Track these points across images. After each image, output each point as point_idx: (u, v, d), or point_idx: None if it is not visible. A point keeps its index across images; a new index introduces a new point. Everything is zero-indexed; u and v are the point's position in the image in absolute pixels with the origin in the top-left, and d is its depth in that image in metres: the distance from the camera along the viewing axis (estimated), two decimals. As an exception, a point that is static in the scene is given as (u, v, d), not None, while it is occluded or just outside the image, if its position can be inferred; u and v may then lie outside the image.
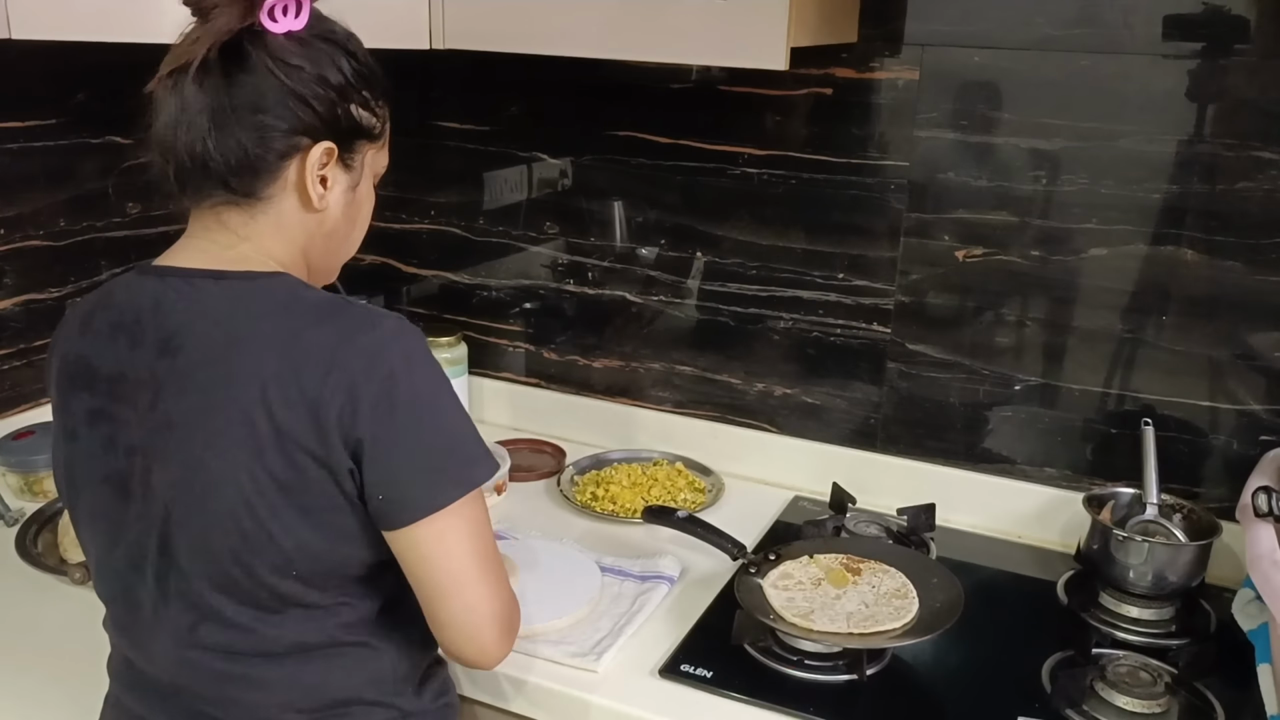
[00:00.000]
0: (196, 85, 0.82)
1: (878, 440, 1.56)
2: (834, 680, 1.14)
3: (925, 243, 1.45)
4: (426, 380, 0.83)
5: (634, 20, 1.20)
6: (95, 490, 0.87)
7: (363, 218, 0.95)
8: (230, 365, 0.81)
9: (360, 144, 0.90)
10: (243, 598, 0.85)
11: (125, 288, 0.88)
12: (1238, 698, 1.12)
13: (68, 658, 1.12)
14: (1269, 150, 1.25)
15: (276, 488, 0.80)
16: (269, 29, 0.83)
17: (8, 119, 1.48)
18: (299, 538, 0.82)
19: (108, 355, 0.86)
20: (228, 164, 0.83)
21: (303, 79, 0.83)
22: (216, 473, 0.81)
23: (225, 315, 0.83)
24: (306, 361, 0.79)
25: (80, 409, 0.87)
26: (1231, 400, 1.35)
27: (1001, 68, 1.35)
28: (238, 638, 0.86)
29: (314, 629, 0.87)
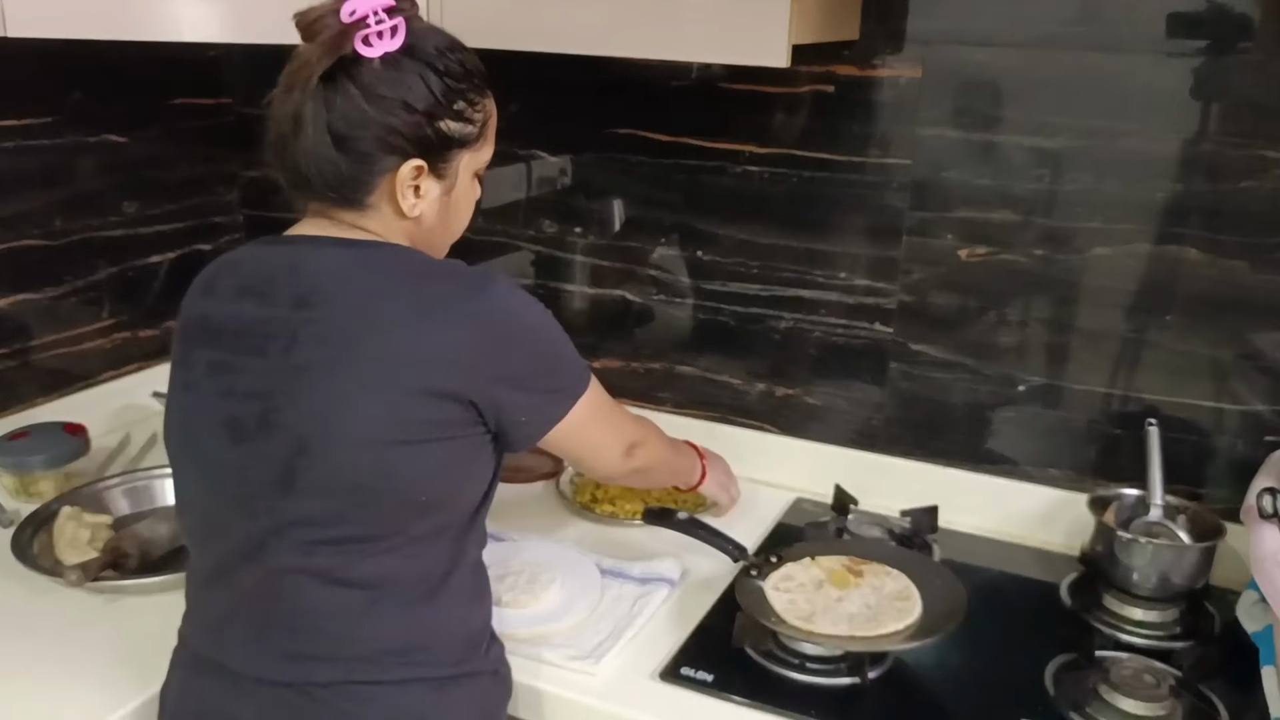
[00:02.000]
0: (300, 107, 0.90)
1: (880, 441, 1.55)
2: (836, 683, 1.13)
3: (928, 242, 1.44)
4: (544, 319, 0.97)
5: (634, 17, 1.20)
6: (210, 434, 0.93)
7: (461, 213, 1.03)
8: (368, 314, 0.89)
9: (453, 153, 0.97)
10: (365, 525, 0.91)
11: (251, 256, 0.97)
12: (1242, 700, 1.12)
13: (63, 661, 1.11)
14: (1273, 149, 1.24)
15: (417, 418, 0.89)
16: (364, 55, 0.89)
17: (3, 118, 1.48)
18: (427, 464, 0.91)
19: (231, 313, 0.94)
20: (326, 180, 0.92)
21: (388, 107, 0.90)
22: (359, 405, 0.88)
23: (357, 274, 0.91)
24: (445, 309, 0.90)
25: (201, 362, 0.95)
26: (1236, 401, 1.34)
27: (1004, 65, 1.34)
28: (351, 566, 0.91)
29: (416, 566, 0.94)
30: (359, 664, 0.93)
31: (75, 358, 1.64)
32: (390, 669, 0.93)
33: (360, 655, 0.93)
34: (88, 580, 1.19)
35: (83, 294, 1.63)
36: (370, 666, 0.93)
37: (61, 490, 1.44)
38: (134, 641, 1.14)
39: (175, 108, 1.73)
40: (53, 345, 1.60)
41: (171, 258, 1.76)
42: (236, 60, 1.81)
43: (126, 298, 1.70)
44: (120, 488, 1.45)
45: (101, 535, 1.30)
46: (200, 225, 1.81)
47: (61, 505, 1.35)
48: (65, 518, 1.31)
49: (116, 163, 1.64)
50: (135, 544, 1.26)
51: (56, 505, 1.35)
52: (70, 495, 1.40)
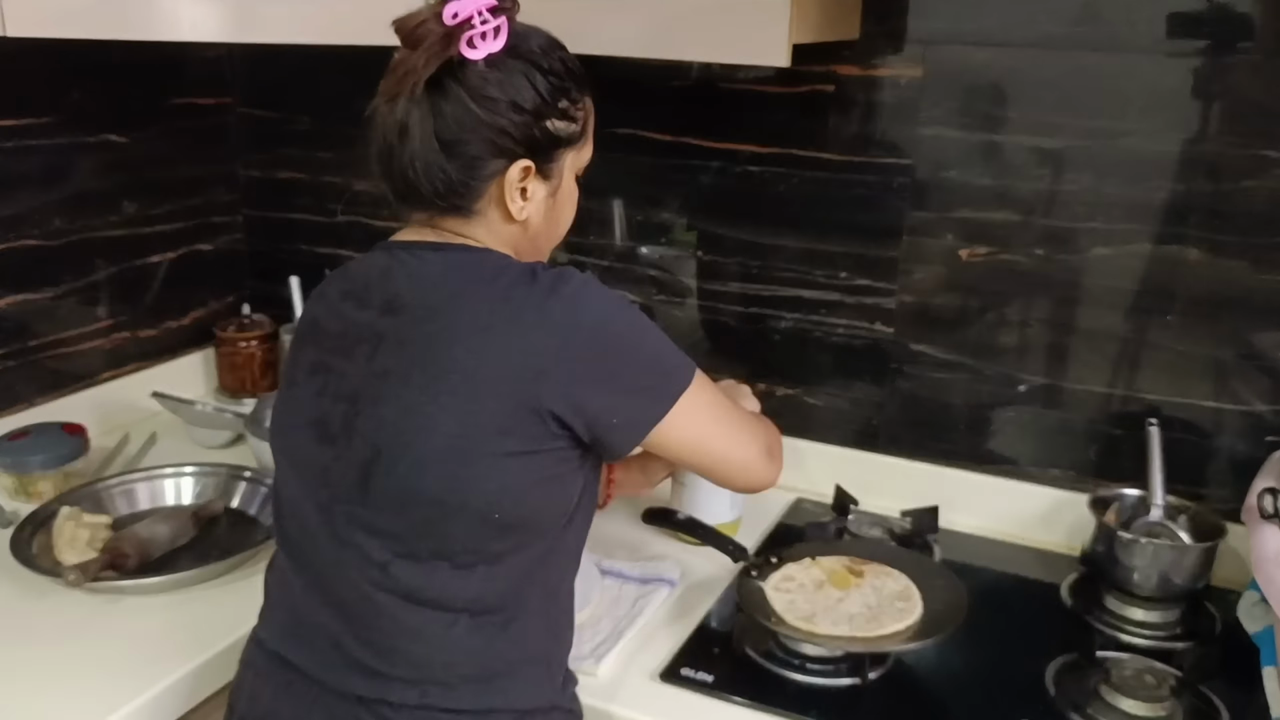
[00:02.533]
0: (405, 114, 0.89)
1: (880, 441, 1.55)
2: (836, 684, 1.13)
3: (928, 242, 1.44)
4: (625, 316, 0.92)
5: (635, 18, 1.20)
6: (300, 432, 0.94)
7: (565, 214, 1.01)
8: (447, 320, 0.88)
9: (559, 153, 0.95)
10: (439, 541, 0.89)
11: (360, 261, 0.98)
12: (1243, 701, 1.12)
13: (62, 661, 1.11)
14: (1273, 149, 1.24)
15: (492, 431, 0.86)
16: (469, 57, 0.88)
17: (3, 117, 1.48)
18: (503, 479, 0.87)
19: (334, 316, 0.95)
20: (434, 188, 0.91)
21: (498, 108, 0.89)
22: (431, 416, 0.86)
23: (442, 278, 0.91)
24: (519, 315, 0.87)
25: (304, 361, 0.96)
26: (1237, 401, 1.34)
27: (1005, 65, 1.34)
28: (425, 583, 0.89)
29: (493, 588, 0.91)
30: (434, 688, 0.90)
31: (74, 358, 1.64)
32: (466, 697, 0.91)
33: (436, 679, 0.90)
34: (87, 580, 1.18)
35: (82, 294, 1.63)
36: (445, 692, 0.90)
37: (60, 490, 1.44)
38: (133, 642, 1.14)
39: (175, 107, 1.73)
40: (52, 345, 1.60)
41: (171, 257, 1.76)
42: (237, 60, 1.81)
43: (126, 298, 1.70)
44: (119, 488, 1.45)
45: (100, 535, 1.30)
46: (200, 225, 1.81)
47: (60, 505, 1.35)
48: (64, 518, 1.31)
49: (116, 162, 1.64)
50: (134, 544, 1.26)
51: (55, 505, 1.35)
52: (69, 495, 1.40)
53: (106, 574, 1.22)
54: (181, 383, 1.77)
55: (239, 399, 1.77)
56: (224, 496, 1.45)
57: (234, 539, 1.36)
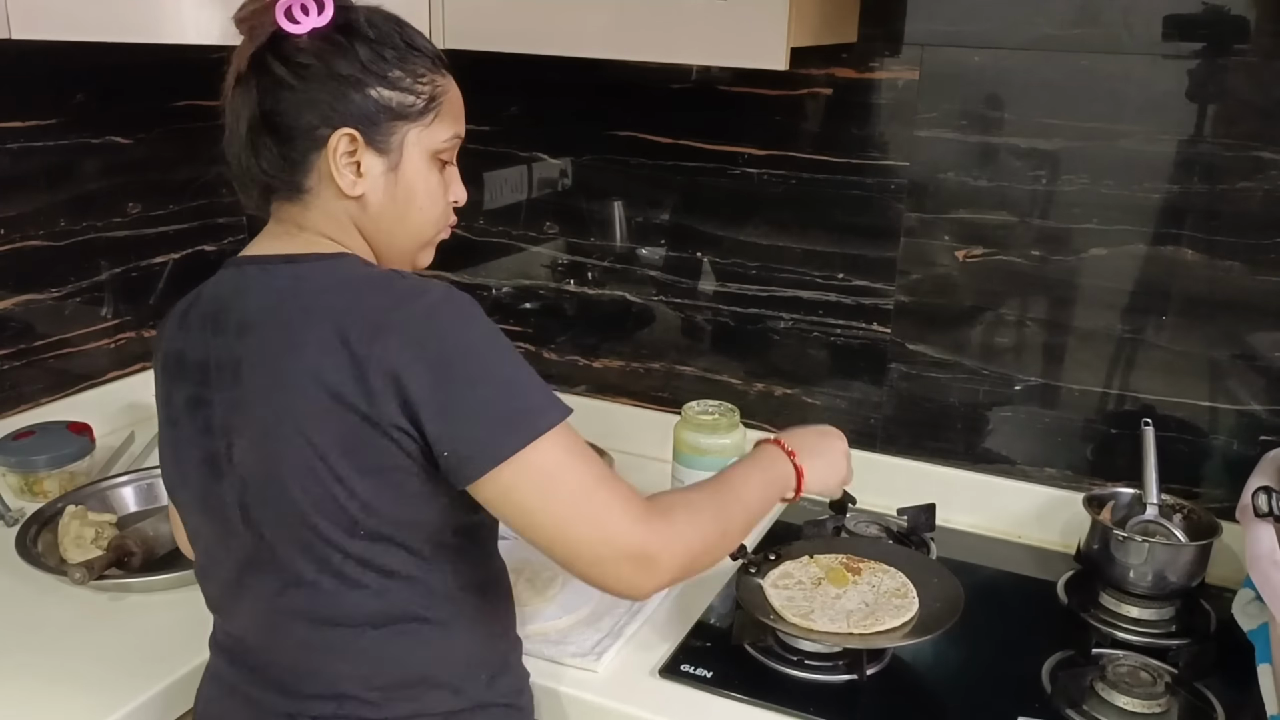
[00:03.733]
0: (236, 98, 0.90)
1: (878, 440, 1.55)
2: (834, 680, 1.14)
3: (925, 243, 1.45)
4: (479, 335, 0.84)
5: (634, 20, 1.20)
6: (197, 471, 0.92)
7: (418, 199, 0.93)
8: (292, 337, 0.84)
9: (392, 125, 0.90)
10: (320, 563, 0.87)
11: (214, 283, 0.94)
12: (1238, 698, 1.12)
13: (68, 658, 1.12)
14: (1269, 150, 1.25)
15: (338, 451, 0.83)
16: (291, 31, 0.86)
17: (8, 119, 1.49)
18: (361, 498, 0.84)
19: (199, 345, 0.91)
20: (263, 168, 0.90)
21: (312, 74, 0.87)
22: (281, 439, 0.84)
23: (291, 293, 0.87)
24: (357, 326, 0.82)
25: (180, 398, 0.93)
26: (1231, 400, 1.35)
27: (1002, 68, 1.35)
28: (320, 604, 0.88)
29: (391, 600, 0.88)
30: (351, 702, 0.90)
31: (79, 358, 1.65)
32: (386, 706, 0.90)
33: (351, 694, 0.90)
34: (92, 579, 1.19)
35: (87, 294, 1.64)
36: (363, 705, 0.90)
37: (66, 489, 1.45)
38: (138, 640, 1.15)
39: (179, 109, 1.74)
40: (57, 345, 1.61)
41: (175, 258, 1.77)
42: (239, 62, 1.82)
43: (130, 298, 1.71)
44: (124, 486, 1.46)
45: (106, 534, 1.31)
46: (204, 226, 1.82)
47: (66, 504, 1.36)
48: (70, 516, 1.32)
49: (120, 164, 1.65)
50: (139, 542, 1.27)
51: (61, 504, 1.36)
52: (74, 494, 1.41)
53: (111, 572, 1.23)
54: (185, 382, 1.77)
55: (242, 398, 1.78)
56: (227, 495, 1.45)
57: (237, 537, 1.37)
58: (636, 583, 0.84)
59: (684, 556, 0.86)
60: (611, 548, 0.83)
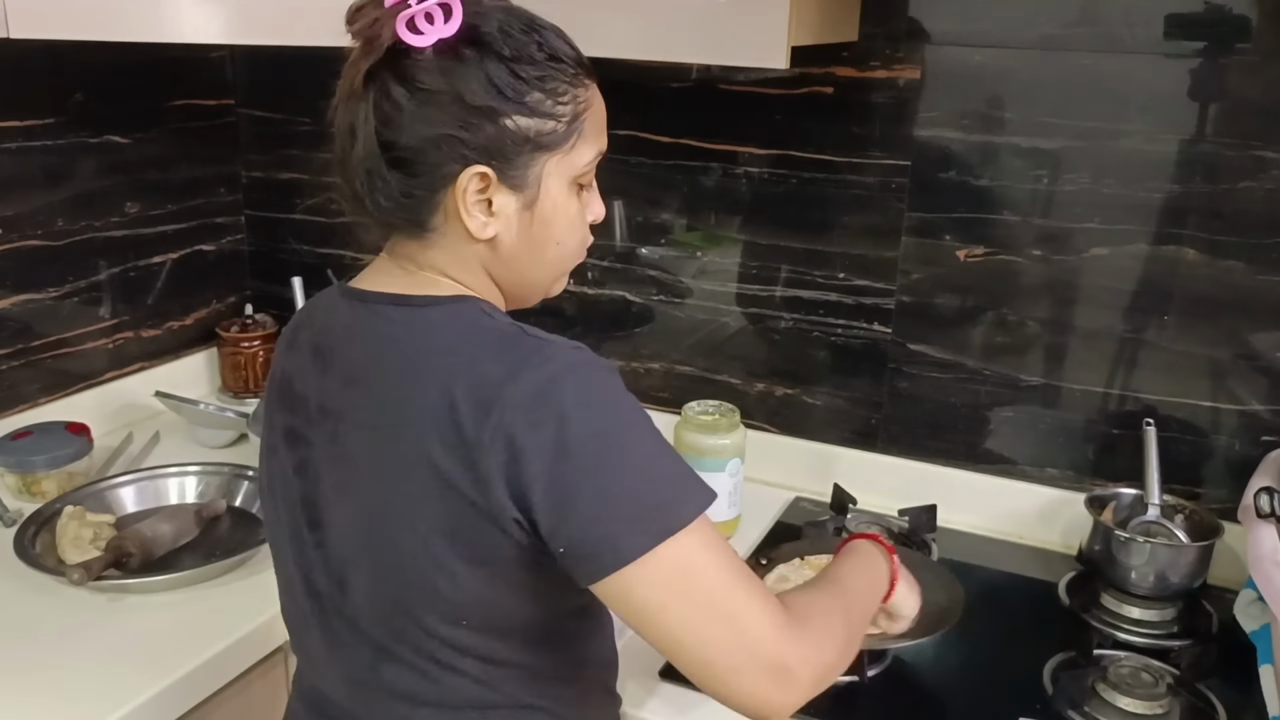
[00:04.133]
0: (348, 117, 0.78)
1: (879, 440, 1.55)
2: (834, 681, 1.13)
3: (926, 242, 1.44)
4: (605, 418, 0.73)
5: (634, 19, 1.20)
6: (292, 511, 0.85)
7: (557, 235, 0.83)
8: (401, 406, 0.76)
9: (529, 157, 0.79)
10: (417, 646, 0.80)
11: (326, 310, 0.86)
12: (1240, 699, 1.12)
13: (65, 659, 1.11)
14: (1270, 150, 1.25)
15: (442, 538, 0.75)
16: (413, 44, 0.75)
17: (6, 119, 1.48)
18: (466, 589, 0.77)
19: (307, 378, 0.84)
20: (378, 202, 0.79)
21: (439, 103, 0.75)
22: (384, 519, 0.77)
23: (402, 348, 0.78)
24: (470, 402, 0.72)
25: (280, 426, 0.87)
26: (1233, 400, 1.34)
27: (1003, 67, 1.34)
28: (417, 684, 0.82)
29: (494, 687, 0.82)
30: None
31: (78, 357, 1.64)
32: None
33: None
34: (90, 579, 1.19)
35: (85, 294, 1.63)
36: None
37: (64, 490, 1.45)
38: (136, 641, 1.14)
39: (177, 108, 1.73)
40: (55, 345, 1.61)
41: (174, 258, 1.77)
42: (238, 61, 1.81)
43: (129, 298, 1.71)
44: (123, 487, 1.45)
45: (104, 534, 1.30)
46: (202, 226, 1.82)
47: (64, 504, 1.35)
48: (68, 517, 1.32)
49: (119, 163, 1.64)
50: (138, 543, 1.27)
51: (59, 504, 1.36)
52: (73, 494, 1.41)
53: (110, 573, 1.22)
54: (184, 383, 1.77)
55: (241, 399, 1.78)
56: (227, 496, 1.45)
57: (237, 538, 1.36)
58: (771, 699, 0.74)
59: (820, 669, 0.77)
60: (750, 656, 0.73)
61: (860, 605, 0.90)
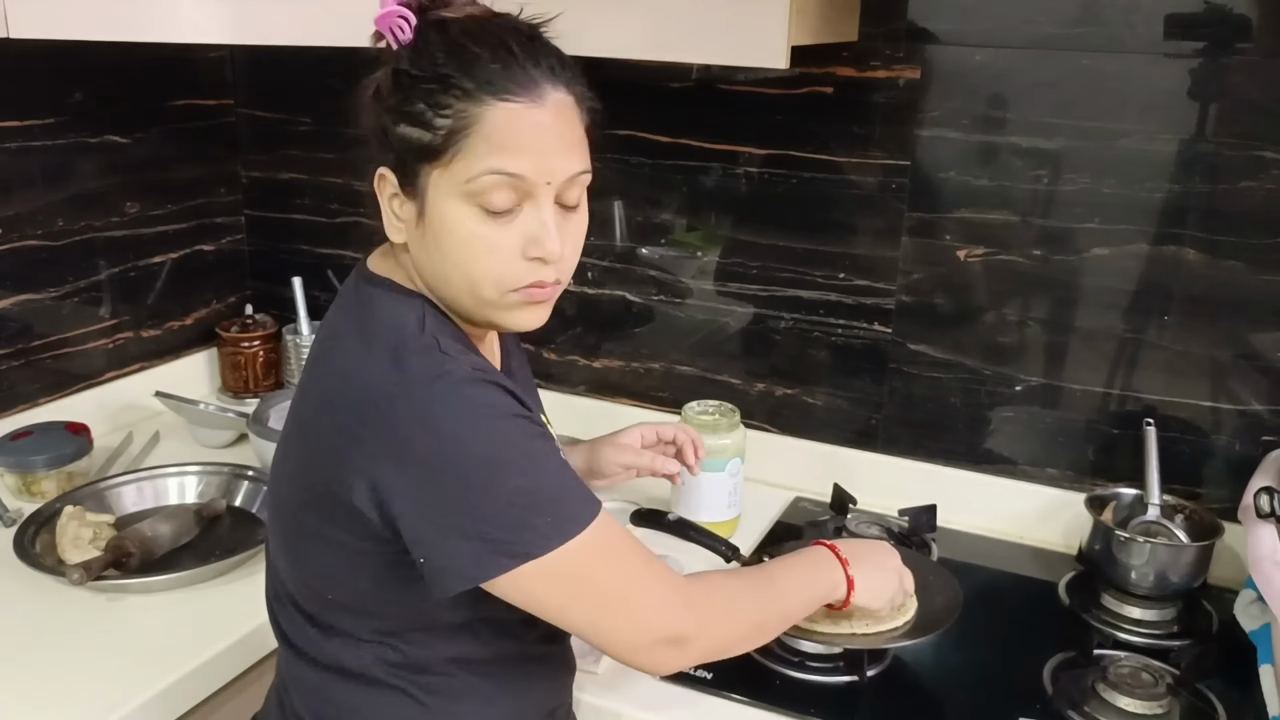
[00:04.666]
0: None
1: (879, 440, 1.55)
2: (834, 681, 1.14)
3: (926, 242, 1.44)
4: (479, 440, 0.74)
5: (634, 19, 1.20)
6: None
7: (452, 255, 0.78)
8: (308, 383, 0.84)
9: (416, 168, 0.77)
10: (301, 602, 0.88)
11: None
12: (1240, 699, 1.12)
13: (65, 659, 1.11)
14: (1271, 150, 1.25)
15: (311, 512, 0.81)
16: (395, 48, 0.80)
17: (6, 118, 1.48)
18: (325, 566, 0.83)
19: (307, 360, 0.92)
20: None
21: (367, 98, 0.81)
22: (276, 479, 0.87)
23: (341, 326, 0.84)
24: (356, 397, 0.76)
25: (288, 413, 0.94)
26: (1233, 400, 1.34)
27: (1003, 67, 1.34)
28: (297, 633, 0.90)
29: (353, 656, 0.86)
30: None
31: (77, 357, 1.64)
32: None
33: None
34: (90, 579, 1.19)
35: (85, 294, 1.63)
36: None
37: (64, 490, 1.45)
38: (136, 641, 1.14)
39: (177, 108, 1.73)
40: (55, 345, 1.61)
41: (174, 258, 1.77)
42: (238, 61, 1.81)
43: (129, 298, 1.71)
44: (122, 487, 1.45)
45: (104, 534, 1.30)
46: (202, 226, 1.82)
47: (64, 504, 1.35)
48: (67, 517, 1.32)
49: (118, 163, 1.64)
50: (137, 543, 1.27)
51: (59, 504, 1.36)
52: (72, 494, 1.41)
53: (109, 573, 1.22)
54: (184, 383, 1.77)
55: (241, 399, 1.78)
56: (226, 496, 1.45)
57: (236, 538, 1.36)
58: (666, 663, 0.84)
59: (714, 643, 0.87)
60: (646, 634, 0.82)
61: (782, 598, 0.94)
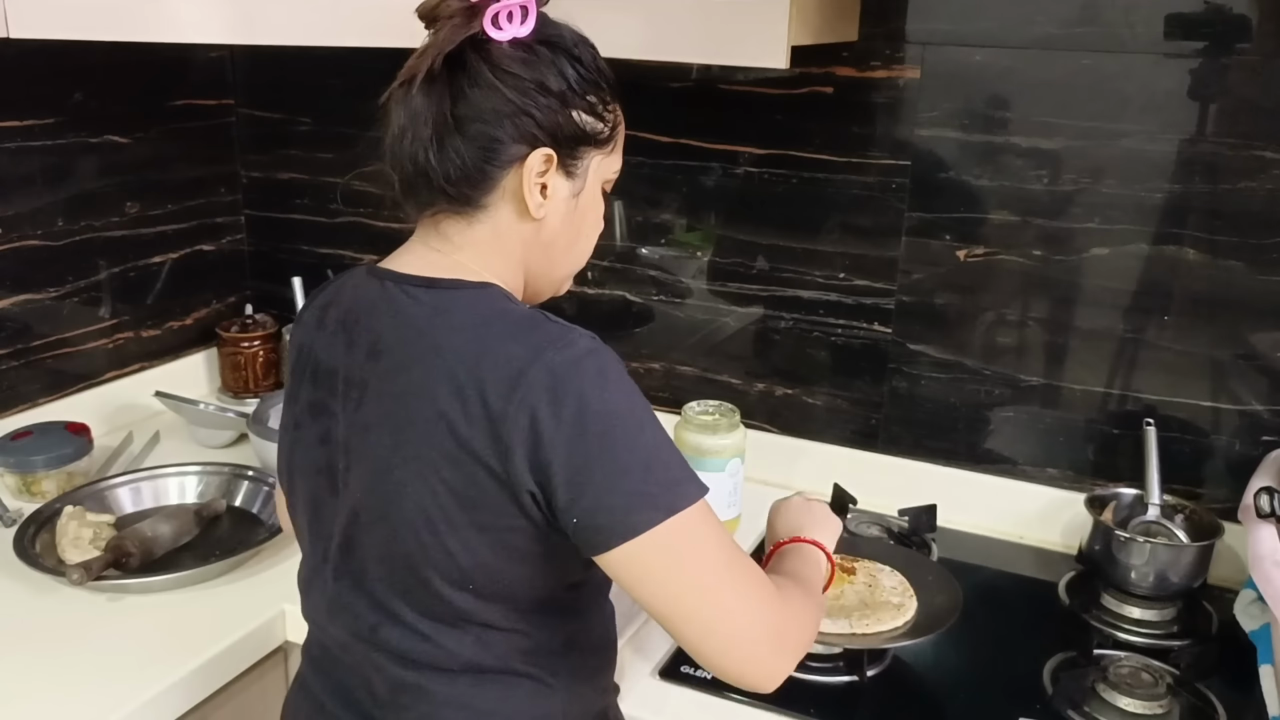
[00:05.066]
0: (423, 96, 0.83)
1: (879, 440, 1.55)
2: (834, 681, 1.14)
3: (926, 242, 1.44)
4: (620, 399, 0.78)
5: (634, 19, 1.20)
6: (311, 480, 0.90)
7: (589, 226, 0.93)
8: (423, 374, 0.80)
9: (584, 150, 0.88)
10: (421, 607, 0.84)
11: (354, 287, 0.90)
12: (1239, 699, 1.12)
13: (65, 659, 1.11)
14: (1271, 149, 1.25)
15: (456, 502, 0.80)
16: (493, 37, 0.82)
17: (6, 118, 1.48)
18: (476, 554, 0.81)
19: (332, 351, 0.89)
20: (447, 173, 0.84)
21: (521, 86, 0.83)
22: (400, 480, 0.81)
23: (427, 324, 0.83)
24: (494, 376, 0.77)
25: (304, 399, 0.91)
26: (1233, 400, 1.34)
27: (1003, 67, 1.34)
28: (415, 645, 0.85)
29: (491, 651, 0.85)
30: None
31: (78, 357, 1.64)
32: None
33: None
34: (90, 579, 1.19)
35: (85, 294, 1.64)
36: None
37: (64, 490, 1.45)
38: (136, 640, 1.14)
39: (177, 108, 1.73)
40: (55, 345, 1.61)
41: (174, 258, 1.77)
42: (238, 61, 1.81)
43: (129, 298, 1.71)
44: (122, 487, 1.45)
45: (104, 534, 1.30)
46: (202, 225, 1.82)
47: (64, 504, 1.35)
48: (67, 517, 1.32)
49: (119, 163, 1.64)
50: (137, 543, 1.27)
51: (59, 504, 1.36)
52: (72, 494, 1.41)
53: (109, 573, 1.22)
54: (184, 382, 1.77)
55: (241, 399, 1.78)
56: (226, 496, 1.45)
57: (236, 538, 1.36)
58: (769, 664, 0.81)
59: (805, 638, 0.86)
60: (752, 622, 0.80)
61: (816, 592, 0.97)
